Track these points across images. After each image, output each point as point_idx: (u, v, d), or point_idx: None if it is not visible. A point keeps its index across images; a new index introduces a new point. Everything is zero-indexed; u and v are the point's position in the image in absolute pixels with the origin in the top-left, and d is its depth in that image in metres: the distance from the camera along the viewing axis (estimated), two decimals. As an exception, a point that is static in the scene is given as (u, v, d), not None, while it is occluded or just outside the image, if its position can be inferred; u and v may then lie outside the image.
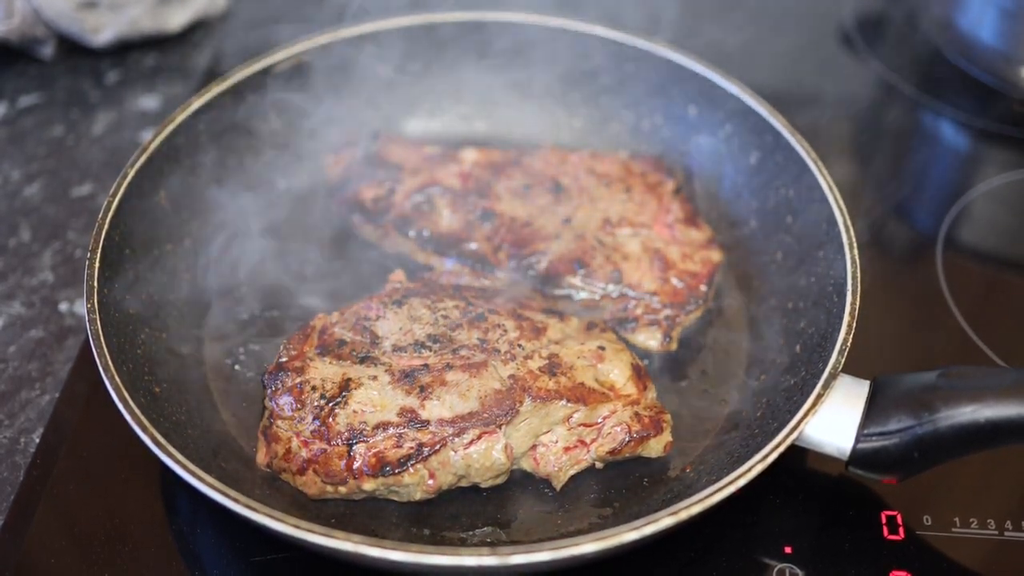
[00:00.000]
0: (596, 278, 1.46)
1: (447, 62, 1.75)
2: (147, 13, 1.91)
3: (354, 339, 1.34)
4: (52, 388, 1.44)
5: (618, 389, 1.31)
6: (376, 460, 1.23)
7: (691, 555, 1.25)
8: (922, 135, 1.90)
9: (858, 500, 1.31)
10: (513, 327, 1.34)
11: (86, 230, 1.65)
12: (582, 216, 1.52)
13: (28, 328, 1.52)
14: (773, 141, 1.53)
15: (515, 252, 1.49)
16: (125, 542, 1.26)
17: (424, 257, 1.54)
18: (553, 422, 1.28)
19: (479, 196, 1.55)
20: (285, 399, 1.28)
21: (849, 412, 1.21)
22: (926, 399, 1.18)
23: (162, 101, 1.89)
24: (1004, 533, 1.28)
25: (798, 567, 1.24)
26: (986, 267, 1.68)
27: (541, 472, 1.29)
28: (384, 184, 1.58)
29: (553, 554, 1.06)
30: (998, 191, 1.76)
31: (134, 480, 1.32)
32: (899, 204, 1.76)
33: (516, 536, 1.26)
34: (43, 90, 1.89)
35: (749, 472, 1.14)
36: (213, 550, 1.26)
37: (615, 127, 1.73)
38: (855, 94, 1.97)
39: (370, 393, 1.27)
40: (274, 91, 1.63)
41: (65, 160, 1.77)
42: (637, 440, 1.28)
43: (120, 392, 1.19)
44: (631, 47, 1.67)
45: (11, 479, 1.33)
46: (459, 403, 1.25)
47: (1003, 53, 1.88)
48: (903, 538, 1.27)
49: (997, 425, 1.14)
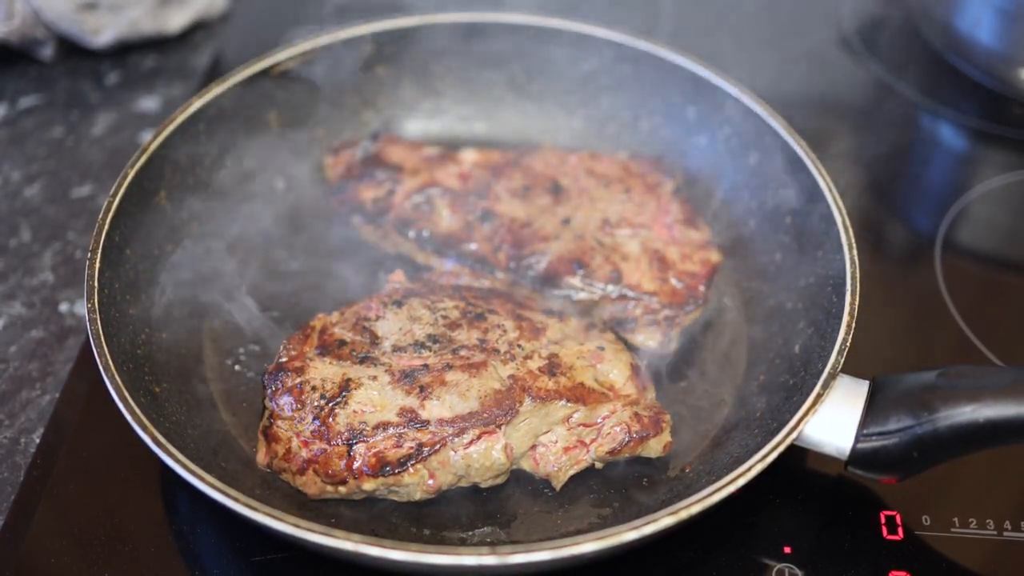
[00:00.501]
0: (595, 278, 1.46)
1: (447, 63, 1.75)
2: (147, 14, 1.92)
3: (354, 339, 1.34)
4: (52, 388, 1.44)
5: (618, 389, 1.32)
6: (376, 460, 1.23)
7: (691, 555, 1.25)
8: (920, 136, 1.90)
9: (857, 500, 1.31)
10: (513, 327, 1.35)
11: (86, 231, 1.65)
12: (581, 217, 1.53)
13: (28, 328, 1.52)
14: (772, 142, 1.53)
15: (514, 252, 1.49)
16: (125, 542, 1.26)
17: (424, 257, 1.54)
18: (553, 422, 1.28)
19: (479, 197, 1.55)
20: (285, 399, 1.28)
21: (848, 412, 1.21)
22: (925, 399, 1.18)
23: (162, 102, 1.89)
24: (1003, 533, 1.29)
25: (797, 567, 1.24)
26: (985, 268, 1.68)
27: (541, 472, 1.29)
28: (384, 185, 1.58)
29: (553, 554, 1.06)
30: (997, 192, 1.77)
31: (134, 480, 1.32)
32: (898, 205, 1.77)
33: (516, 536, 1.26)
34: (43, 91, 1.90)
35: (749, 472, 1.14)
36: (213, 550, 1.26)
37: (614, 128, 1.74)
38: (854, 96, 1.97)
39: (370, 393, 1.27)
40: (274, 92, 1.64)
41: (65, 161, 1.77)
42: (637, 440, 1.28)
43: (120, 392, 1.19)
44: (630, 48, 1.67)
45: (11, 479, 1.33)
46: (459, 403, 1.25)
47: (1001, 55, 1.88)
48: (902, 538, 1.27)
49: (996, 425, 1.14)
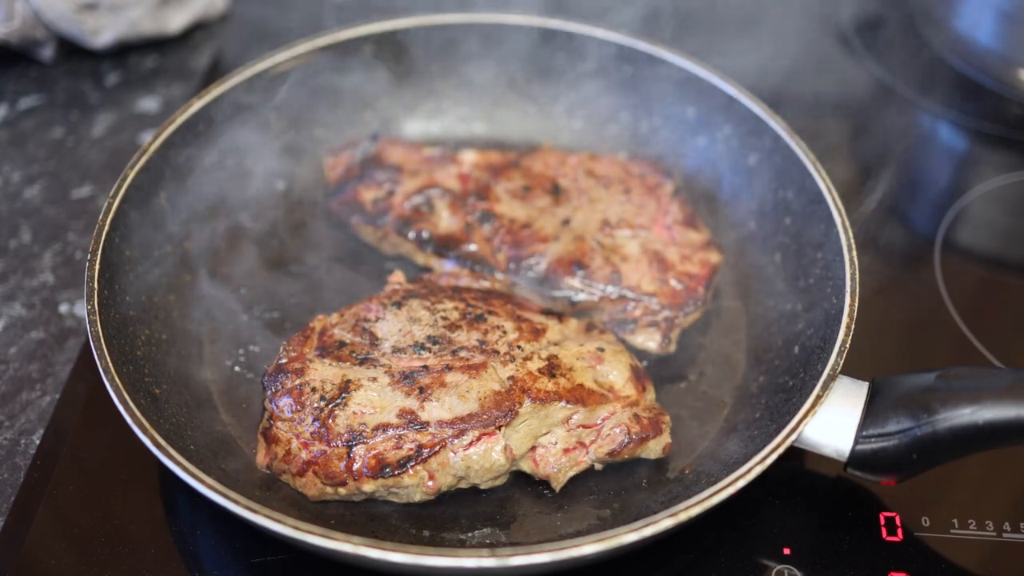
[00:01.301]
0: (595, 279, 1.46)
1: (446, 64, 1.75)
2: (147, 15, 1.92)
3: (354, 340, 1.34)
4: (52, 389, 1.44)
5: (617, 390, 1.32)
6: (376, 461, 1.23)
7: (690, 556, 1.25)
8: (920, 137, 1.90)
9: (857, 501, 1.31)
10: (512, 328, 1.35)
11: (86, 231, 1.65)
12: (581, 218, 1.53)
13: (29, 329, 1.52)
14: (771, 143, 1.53)
15: (514, 253, 1.49)
16: (125, 543, 1.26)
17: (423, 258, 1.54)
18: (552, 423, 1.28)
19: (478, 198, 1.55)
20: (285, 400, 1.28)
21: (848, 413, 1.21)
22: (924, 400, 1.18)
23: (162, 103, 1.89)
24: (1002, 534, 1.29)
25: (797, 568, 1.24)
26: (984, 268, 1.68)
27: (540, 473, 1.29)
28: (383, 186, 1.58)
29: (552, 555, 1.06)
30: (996, 193, 1.77)
31: (134, 481, 1.32)
32: (897, 206, 1.77)
33: (515, 537, 1.26)
34: (43, 92, 1.90)
35: (748, 473, 1.14)
36: (212, 551, 1.26)
37: (614, 129, 1.74)
38: (853, 96, 1.97)
39: (369, 394, 1.27)
40: (273, 93, 1.64)
41: (65, 162, 1.77)
42: (636, 441, 1.28)
43: (120, 393, 1.19)
44: (630, 49, 1.67)
45: (11, 480, 1.33)
46: (458, 404, 1.25)
47: (1000, 55, 1.88)
48: (901, 539, 1.27)
49: (995, 426, 1.14)
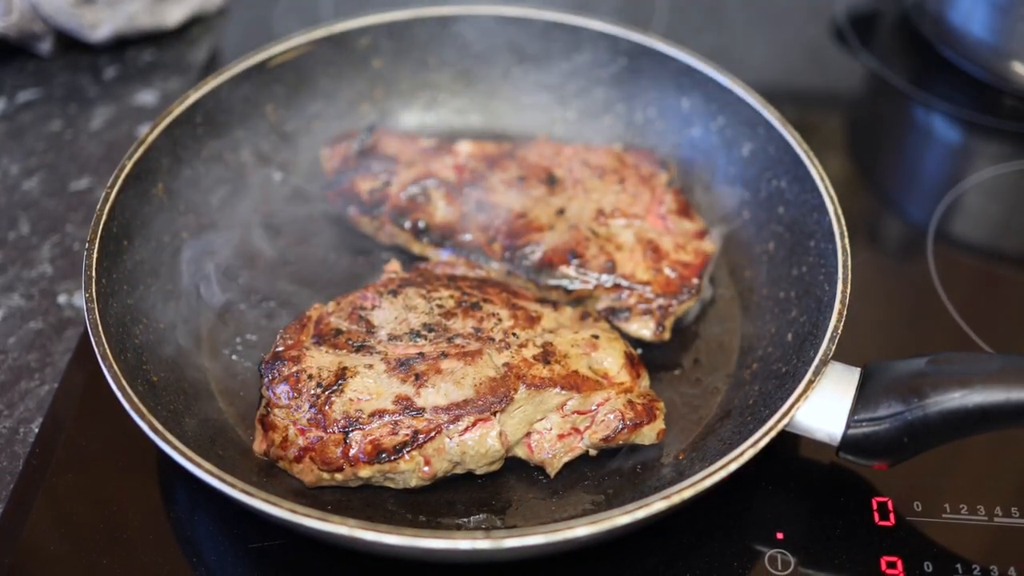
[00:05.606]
0: (590, 268, 1.47)
1: (442, 56, 1.76)
2: (145, 9, 1.92)
3: (350, 328, 1.35)
4: (51, 378, 1.45)
5: (611, 377, 1.32)
6: (372, 447, 1.24)
7: (683, 541, 1.26)
8: (913, 128, 1.91)
9: (849, 486, 1.32)
10: (507, 316, 1.35)
11: (84, 223, 1.66)
12: (576, 207, 1.54)
13: (27, 320, 1.53)
14: (765, 133, 1.54)
15: (509, 243, 1.50)
16: (123, 530, 1.27)
17: (419, 248, 1.55)
18: (547, 409, 1.29)
19: (474, 188, 1.56)
20: (282, 388, 1.29)
21: (840, 398, 1.22)
22: (915, 385, 1.19)
23: (159, 96, 1.89)
24: (994, 519, 1.29)
25: (789, 553, 1.25)
26: (977, 258, 1.69)
27: (535, 459, 1.30)
28: (380, 176, 1.59)
29: (546, 538, 1.07)
30: (988, 183, 1.77)
31: (132, 469, 1.33)
32: (891, 196, 1.78)
33: (511, 522, 1.27)
34: (41, 86, 1.90)
35: (741, 457, 1.15)
36: (210, 537, 1.26)
37: (609, 119, 1.74)
38: (847, 87, 1.98)
39: (366, 381, 1.28)
40: (270, 85, 1.65)
41: (63, 154, 1.78)
42: (630, 427, 1.29)
43: (118, 380, 1.20)
44: (625, 40, 1.68)
45: (10, 468, 1.34)
46: (454, 391, 1.26)
47: (993, 47, 1.89)
48: (894, 524, 1.28)
49: (985, 410, 1.15)
